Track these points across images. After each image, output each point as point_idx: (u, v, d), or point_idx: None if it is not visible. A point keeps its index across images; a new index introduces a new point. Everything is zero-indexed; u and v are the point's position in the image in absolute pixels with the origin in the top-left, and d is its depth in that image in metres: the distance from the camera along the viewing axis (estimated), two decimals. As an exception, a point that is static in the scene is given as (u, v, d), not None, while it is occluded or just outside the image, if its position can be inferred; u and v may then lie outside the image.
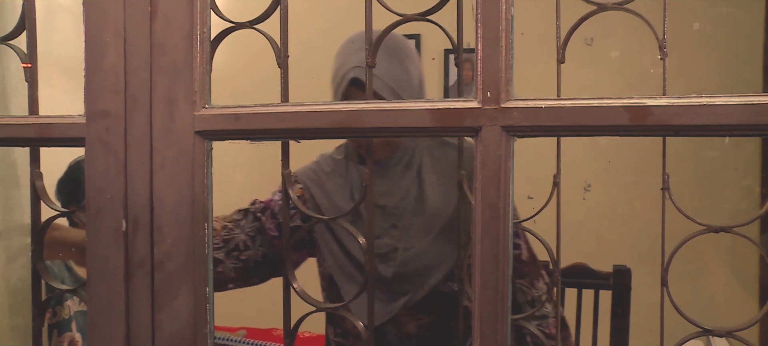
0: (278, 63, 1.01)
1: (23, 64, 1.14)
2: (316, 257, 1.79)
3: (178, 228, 0.98)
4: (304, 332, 2.85)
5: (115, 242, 1.01)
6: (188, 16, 0.97)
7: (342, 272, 1.67)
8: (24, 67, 1.14)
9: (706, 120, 0.75)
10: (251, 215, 1.78)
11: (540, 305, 1.54)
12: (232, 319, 2.63)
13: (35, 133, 1.07)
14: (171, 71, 0.97)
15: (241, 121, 0.95)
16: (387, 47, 1.51)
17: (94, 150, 1.01)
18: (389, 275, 1.61)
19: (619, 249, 3.35)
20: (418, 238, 1.62)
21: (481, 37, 0.82)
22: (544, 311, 1.54)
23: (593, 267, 2.24)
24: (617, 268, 2.14)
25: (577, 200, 3.57)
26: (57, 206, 1.18)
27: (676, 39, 3.17)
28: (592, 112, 0.78)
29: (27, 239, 1.57)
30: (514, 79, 0.83)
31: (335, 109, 0.92)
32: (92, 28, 1.00)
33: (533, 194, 3.57)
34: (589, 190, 3.56)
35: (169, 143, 0.97)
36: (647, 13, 0.96)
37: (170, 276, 0.99)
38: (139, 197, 0.99)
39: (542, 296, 1.56)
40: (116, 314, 1.01)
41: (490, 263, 0.83)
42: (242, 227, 1.75)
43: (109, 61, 0.99)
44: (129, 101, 0.99)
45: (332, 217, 1.08)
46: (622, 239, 3.44)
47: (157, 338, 0.99)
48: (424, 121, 0.86)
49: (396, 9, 0.96)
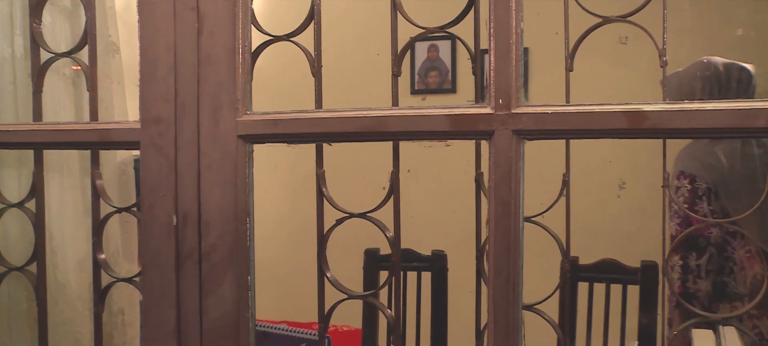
0: (312, 72, 1.11)
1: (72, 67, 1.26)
2: None
3: (222, 223, 1.09)
4: (343, 325, 2.94)
5: (166, 236, 1.12)
6: (231, 32, 1.07)
7: None
8: (86, 77, 1.26)
9: (696, 123, 0.83)
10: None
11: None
12: (274, 313, 2.75)
13: (96, 138, 1.18)
14: (216, 81, 1.08)
15: (279, 126, 1.06)
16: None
17: (148, 152, 1.12)
18: None
19: (652, 245, 3.38)
20: None
21: (494, 50, 0.91)
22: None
23: (622, 262, 2.29)
24: (645, 263, 2.19)
25: (612, 198, 3.61)
26: (114, 204, 1.30)
27: (719, 44, 3.20)
28: (594, 117, 0.87)
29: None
30: (549, 79, 0.91)
31: (364, 115, 1.02)
32: (146, 42, 1.11)
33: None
34: (624, 187, 3.59)
35: (215, 146, 1.08)
36: (691, 15, 1.03)
37: (216, 266, 1.10)
38: (188, 195, 1.10)
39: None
40: (168, 300, 1.12)
41: (503, 254, 0.92)
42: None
43: (161, 72, 1.10)
44: (179, 109, 1.09)
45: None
46: (656, 235, 3.46)
47: (204, 322, 1.10)
48: (443, 125, 0.95)
49: (427, 16, 1.05)
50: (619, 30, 1.12)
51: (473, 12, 1.09)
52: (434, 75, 4.12)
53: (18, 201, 1.35)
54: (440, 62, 4.09)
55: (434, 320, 2.42)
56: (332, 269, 1.16)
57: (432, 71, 4.11)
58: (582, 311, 2.33)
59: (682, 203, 1.93)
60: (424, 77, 4.11)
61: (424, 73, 4.11)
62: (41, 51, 1.31)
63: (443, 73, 4.09)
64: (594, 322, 2.34)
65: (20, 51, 1.57)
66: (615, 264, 2.32)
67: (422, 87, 4.12)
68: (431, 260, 2.46)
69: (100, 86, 1.27)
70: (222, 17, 1.07)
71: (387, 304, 2.43)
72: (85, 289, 1.63)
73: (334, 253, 1.20)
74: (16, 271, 1.36)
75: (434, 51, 4.10)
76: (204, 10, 1.08)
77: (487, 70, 0.92)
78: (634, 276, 2.25)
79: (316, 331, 1.60)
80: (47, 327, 1.35)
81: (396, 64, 1.07)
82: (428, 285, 2.47)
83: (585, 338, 2.31)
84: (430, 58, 4.11)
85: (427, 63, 4.10)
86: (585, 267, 2.32)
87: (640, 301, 2.19)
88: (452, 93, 4.09)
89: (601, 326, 2.33)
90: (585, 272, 2.32)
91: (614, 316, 2.33)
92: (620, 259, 2.36)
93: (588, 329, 2.33)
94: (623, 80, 3.50)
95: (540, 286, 1.19)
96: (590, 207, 3.60)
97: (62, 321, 1.62)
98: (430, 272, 2.46)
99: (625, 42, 3.59)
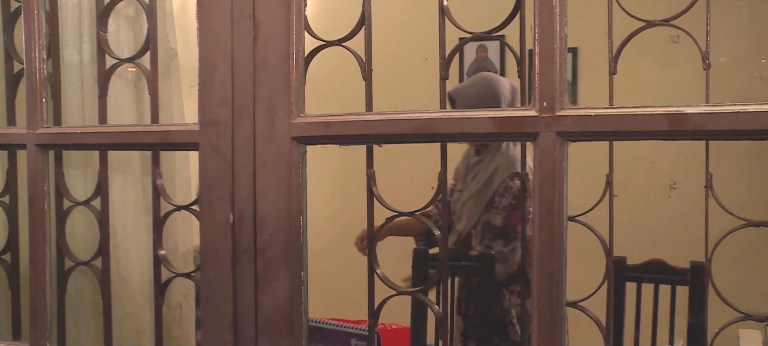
0: (363, 76, 1.16)
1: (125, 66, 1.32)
2: None
3: (277, 221, 1.14)
4: (392, 323, 2.98)
5: (223, 233, 1.17)
6: (285, 37, 1.12)
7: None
8: (147, 80, 1.33)
9: (737, 125, 0.84)
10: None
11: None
12: (324, 309, 2.81)
13: (158, 139, 1.25)
14: (271, 85, 1.13)
15: (331, 128, 1.10)
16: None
17: (206, 153, 1.18)
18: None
19: (702, 246, 3.34)
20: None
21: (538, 54, 0.94)
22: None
23: (670, 263, 2.29)
24: (694, 264, 2.18)
25: (662, 198, 3.59)
26: (173, 202, 1.36)
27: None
28: (635, 119, 0.89)
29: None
30: (598, 78, 0.94)
31: (414, 117, 1.05)
32: (205, 49, 1.17)
33: (616, 192, 3.61)
34: (675, 188, 3.56)
35: (270, 148, 1.13)
36: (748, 15, 1.04)
37: (270, 262, 1.15)
38: (244, 194, 1.16)
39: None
40: (225, 293, 1.17)
41: (546, 251, 0.95)
42: None
43: (219, 77, 1.15)
44: (235, 112, 1.15)
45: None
46: (713, 236, 3.42)
47: (259, 315, 1.15)
48: (489, 127, 0.98)
49: (475, 16, 1.08)
50: (670, 29, 1.13)
51: (519, 16, 1.11)
52: (483, 75, 4.13)
53: (84, 199, 1.42)
54: (489, 62, 4.10)
55: (483, 319, 2.45)
56: (381, 268, 1.20)
57: (481, 72, 4.13)
58: (630, 312, 2.33)
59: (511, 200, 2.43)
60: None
61: (472, 74, 4.13)
62: (106, 57, 1.38)
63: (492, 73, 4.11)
64: (642, 322, 2.34)
65: (87, 57, 1.65)
66: (663, 264, 2.31)
67: (471, 87, 4.14)
68: (481, 260, 2.48)
69: (159, 89, 1.34)
70: (277, 23, 1.12)
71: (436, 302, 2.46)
72: (146, 283, 1.70)
73: (383, 252, 1.23)
74: (82, 265, 1.43)
75: (483, 51, 4.11)
76: (259, 16, 1.13)
77: (533, 73, 0.95)
78: (682, 277, 2.24)
79: (366, 327, 1.64)
80: (111, 319, 1.42)
81: (444, 68, 1.10)
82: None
83: (633, 338, 2.30)
84: (479, 59, 4.12)
85: (476, 63, 4.12)
86: (632, 267, 2.32)
87: (689, 301, 2.18)
88: (500, 93, 4.09)
89: (650, 327, 2.33)
90: (633, 272, 2.32)
91: (663, 316, 2.32)
92: (671, 260, 2.35)
93: (636, 329, 2.33)
94: (674, 80, 3.47)
95: (589, 287, 1.22)
96: (640, 208, 3.57)
97: (124, 314, 1.69)
98: (479, 273, 2.48)
99: (677, 41, 3.55)
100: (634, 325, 2.32)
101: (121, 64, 1.36)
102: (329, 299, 3.76)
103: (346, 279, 2.95)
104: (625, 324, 2.28)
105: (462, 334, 2.56)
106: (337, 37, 1.16)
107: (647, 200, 3.60)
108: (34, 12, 1.32)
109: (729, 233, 0.94)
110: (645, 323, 2.33)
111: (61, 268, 1.50)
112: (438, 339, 2.46)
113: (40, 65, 1.32)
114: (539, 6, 0.94)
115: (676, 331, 2.30)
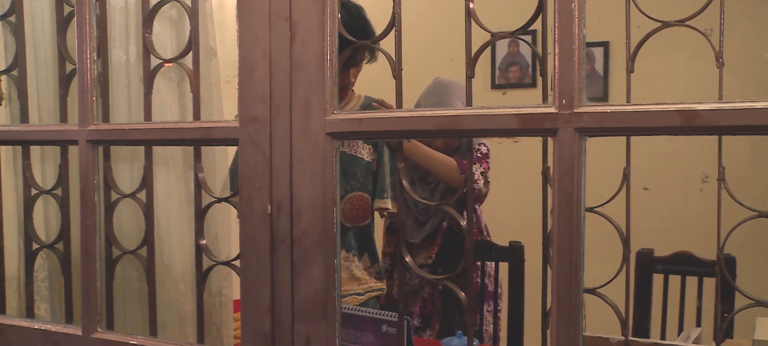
0: (393, 75, 1.22)
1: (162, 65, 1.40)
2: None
3: (312, 211, 1.21)
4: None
5: (262, 223, 1.25)
6: (320, 38, 1.19)
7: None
8: (189, 79, 1.41)
9: (748, 122, 0.89)
10: None
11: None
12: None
13: (200, 135, 1.33)
14: (307, 84, 1.20)
15: (363, 125, 1.17)
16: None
17: (246, 148, 1.25)
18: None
19: (735, 239, 3.35)
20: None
21: (558, 55, 1.00)
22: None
23: (698, 256, 2.31)
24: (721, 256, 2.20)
25: (694, 192, 3.60)
26: (214, 194, 1.44)
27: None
28: (650, 116, 0.94)
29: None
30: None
31: (440, 114, 1.12)
32: (245, 50, 1.24)
33: (648, 185, 3.63)
34: (707, 181, 3.57)
35: (306, 143, 1.20)
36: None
37: (306, 250, 1.22)
38: (281, 186, 1.23)
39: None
40: (263, 280, 1.25)
41: (565, 241, 1.00)
42: None
43: (258, 76, 1.23)
44: (273, 109, 1.22)
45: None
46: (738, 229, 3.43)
47: (296, 300, 1.23)
48: (511, 124, 1.04)
49: (506, 10, 1.14)
50: (702, 23, 1.17)
51: (541, 18, 1.17)
52: (515, 70, 4.17)
53: (130, 192, 1.51)
54: (521, 57, 4.14)
55: (512, 307, 2.50)
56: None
57: (513, 66, 4.16)
58: (657, 303, 2.36)
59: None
60: (504, 72, 4.17)
61: (504, 68, 4.17)
62: (151, 57, 1.46)
63: (524, 67, 4.14)
64: (669, 314, 2.37)
65: (133, 57, 1.74)
66: (690, 256, 2.34)
67: (503, 82, 4.17)
68: (509, 250, 2.54)
69: (200, 87, 1.42)
70: (312, 26, 1.19)
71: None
72: (188, 271, 1.79)
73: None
74: (129, 254, 1.52)
75: (515, 46, 4.15)
76: (296, 19, 1.20)
77: (552, 73, 1.01)
78: (710, 269, 2.27)
79: (396, 314, 1.70)
80: (156, 305, 1.51)
81: (470, 67, 1.16)
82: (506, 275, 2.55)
83: (659, 330, 2.34)
84: (511, 53, 4.16)
85: (508, 58, 4.16)
86: (660, 259, 2.35)
87: (716, 293, 2.21)
88: (532, 87, 4.13)
89: (677, 318, 2.36)
90: (660, 263, 2.36)
91: (690, 308, 2.35)
92: (702, 253, 2.38)
93: (663, 320, 2.36)
94: (706, 73, 3.47)
95: (609, 276, 1.26)
96: (672, 201, 3.59)
97: (168, 300, 1.78)
98: (508, 262, 2.53)
99: (711, 33, 3.55)
100: (662, 316, 2.36)
101: (164, 63, 1.44)
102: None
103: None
104: (652, 315, 2.32)
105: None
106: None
107: (679, 194, 3.61)
108: (86, 16, 1.40)
109: (738, 224, 0.99)
110: (672, 314, 2.37)
111: (109, 257, 1.60)
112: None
113: (90, 65, 1.41)
114: (559, 9, 0.99)
115: (703, 322, 2.33)
